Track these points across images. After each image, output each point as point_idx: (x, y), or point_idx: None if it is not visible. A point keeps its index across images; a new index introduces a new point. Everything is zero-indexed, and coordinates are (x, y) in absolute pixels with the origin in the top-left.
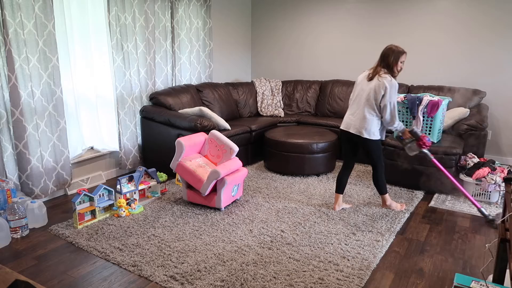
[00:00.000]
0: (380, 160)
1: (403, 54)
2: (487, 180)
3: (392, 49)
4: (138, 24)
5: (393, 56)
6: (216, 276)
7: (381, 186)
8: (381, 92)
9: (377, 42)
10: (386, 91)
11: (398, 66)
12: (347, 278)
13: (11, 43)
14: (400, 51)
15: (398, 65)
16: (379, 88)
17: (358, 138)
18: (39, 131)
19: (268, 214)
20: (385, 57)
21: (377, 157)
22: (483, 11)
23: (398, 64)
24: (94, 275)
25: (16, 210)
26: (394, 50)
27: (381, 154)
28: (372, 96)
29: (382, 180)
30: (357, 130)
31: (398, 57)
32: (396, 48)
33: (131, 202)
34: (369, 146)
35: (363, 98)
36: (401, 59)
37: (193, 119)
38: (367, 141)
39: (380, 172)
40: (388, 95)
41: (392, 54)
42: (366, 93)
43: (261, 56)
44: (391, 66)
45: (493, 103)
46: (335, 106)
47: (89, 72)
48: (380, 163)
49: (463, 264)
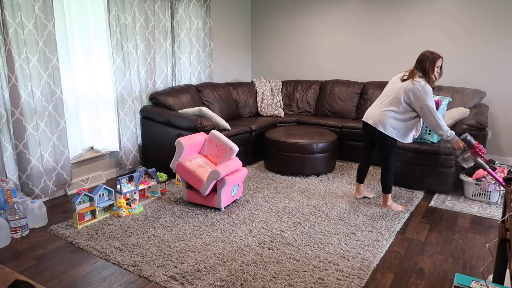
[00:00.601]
0: (391, 159)
1: (439, 59)
2: (487, 180)
3: (426, 55)
4: (138, 24)
5: (429, 61)
6: (216, 276)
7: (386, 185)
8: (409, 94)
9: (377, 42)
10: (417, 93)
11: (435, 71)
12: (347, 278)
13: (11, 43)
14: (435, 56)
15: (435, 70)
16: (408, 90)
17: (373, 130)
18: (39, 131)
19: (268, 214)
20: (420, 62)
21: (389, 154)
22: (483, 11)
23: (434, 69)
24: (94, 275)
25: (16, 210)
26: (429, 55)
27: (393, 153)
28: (400, 96)
29: (390, 179)
30: (374, 122)
31: (434, 62)
32: (431, 54)
33: (131, 202)
34: (383, 141)
35: (391, 95)
36: (437, 64)
37: (193, 119)
38: (381, 135)
39: (390, 171)
40: (422, 97)
41: (427, 60)
42: (395, 91)
43: (261, 56)
44: (427, 71)
45: (493, 103)
46: (335, 106)
47: (89, 72)
48: (391, 161)
49: (463, 264)
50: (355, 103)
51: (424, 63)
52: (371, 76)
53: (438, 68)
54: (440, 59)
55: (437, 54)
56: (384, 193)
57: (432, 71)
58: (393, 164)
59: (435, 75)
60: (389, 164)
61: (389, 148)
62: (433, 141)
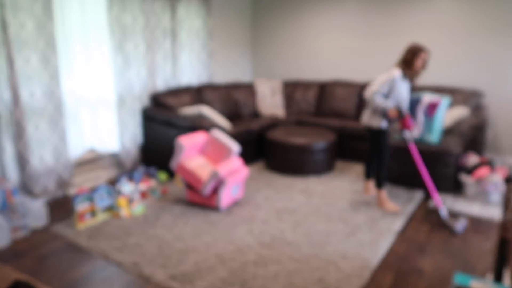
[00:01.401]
0: (382, 153)
1: (423, 51)
2: (487, 180)
3: (411, 46)
4: (138, 24)
5: (412, 52)
6: (216, 276)
7: (378, 180)
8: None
9: (377, 42)
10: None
11: (418, 62)
12: (347, 278)
13: (11, 43)
14: (420, 48)
15: (418, 61)
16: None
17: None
18: (39, 131)
19: (268, 214)
20: (404, 53)
21: (380, 149)
22: (483, 10)
23: (418, 60)
24: (94, 275)
25: (16, 210)
26: (413, 47)
27: (384, 148)
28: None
29: (382, 175)
30: (362, 120)
31: (417, 53)
32: (416, 46)
33: (131, 202)
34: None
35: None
36: (420, 55)
37: (193, 119)
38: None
39: (381, 166)
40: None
41: (410, 51)
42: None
43: (261, 56)
44: (409, 62)
45: (493, 103)
46: (335, 106)
47: (89, 72)
48: (382, 156)
49: (463, 264)
50: (355, 103)
51: (407, 54)
52: (371, 76)
53: (423, 60)
54: (425, 52)
55: (422, 46)
56: (376, 188)
57: (416, 62)
58: (384, 158)
59: (417, 66)
60: (380, 159)
61: (378, 143)
62: (433, 141)
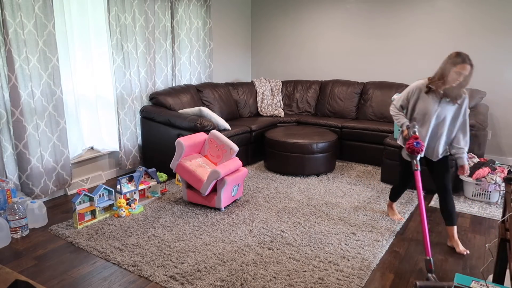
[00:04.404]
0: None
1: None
2: (487, 180)
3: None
4: (138, 24)
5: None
6: (216, 276)
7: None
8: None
9: (377, 42)
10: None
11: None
12: (347, 278)
13: (11, 43)
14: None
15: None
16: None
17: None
18: (39, 131)
19: (268, 214)
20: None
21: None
22: (483, 11)
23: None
24: (94, 275)
25: (16, 210)
26: (450, 56)
27: (401, 170)
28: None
29: (393, 188)
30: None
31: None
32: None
33: (131, 202)
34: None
35: None
36: (456, 69)
37: (193, 119)
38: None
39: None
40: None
41: (446, 60)
42: None
43: (261, 56)
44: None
45: (493, 103)
46: (335, 106)
47: (89, 72)
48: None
49: (463, 264)
50: (355, 103)
51: (443, 63)
52: (371, 76)
53: (457, 74)
54: (463, 65)
55: (461, 58)
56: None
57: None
58: (398, 178)
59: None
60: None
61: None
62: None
